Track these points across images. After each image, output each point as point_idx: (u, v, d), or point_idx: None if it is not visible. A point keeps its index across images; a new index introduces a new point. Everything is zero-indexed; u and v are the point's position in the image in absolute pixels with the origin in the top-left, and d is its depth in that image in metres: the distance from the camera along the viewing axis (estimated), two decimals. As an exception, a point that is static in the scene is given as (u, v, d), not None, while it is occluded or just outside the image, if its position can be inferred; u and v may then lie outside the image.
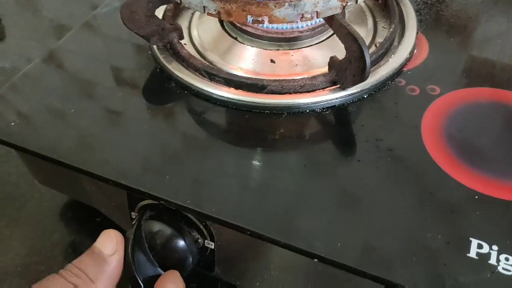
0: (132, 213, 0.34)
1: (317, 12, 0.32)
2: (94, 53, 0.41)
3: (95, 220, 0.42)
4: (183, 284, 0.29)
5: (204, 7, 0.33)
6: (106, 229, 0.41)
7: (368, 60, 0.31)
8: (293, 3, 0.31)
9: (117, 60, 0.40)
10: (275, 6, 0.31)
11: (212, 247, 0.32)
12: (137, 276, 0.28)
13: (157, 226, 0.30)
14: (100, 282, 0.26)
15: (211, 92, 0.35)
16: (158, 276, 0.29)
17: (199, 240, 0.32)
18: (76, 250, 0.40)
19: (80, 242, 0.41)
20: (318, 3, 0.32)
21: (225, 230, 0.29)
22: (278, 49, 0.38)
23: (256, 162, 0.31)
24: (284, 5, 0.31)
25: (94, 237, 0.41)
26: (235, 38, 0.40)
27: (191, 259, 0.32)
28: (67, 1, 0.69)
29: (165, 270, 0.30)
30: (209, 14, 0.33)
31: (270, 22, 0.32)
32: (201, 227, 0.31)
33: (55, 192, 0.44)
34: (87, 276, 0.26)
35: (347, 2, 0.32)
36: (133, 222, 0.30)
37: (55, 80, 0.39)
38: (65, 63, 0.40)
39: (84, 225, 0.42)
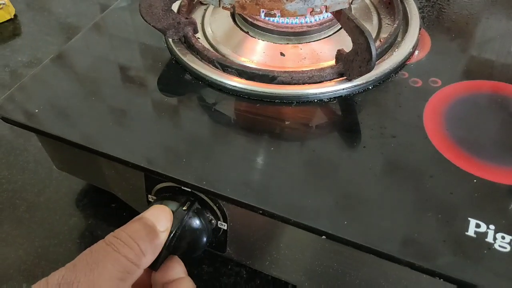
0: (149, 195, 0.36)
1: (326, 6, 0.34)
2: (109, 49, 0.43)
3: (110, 205, 0.44)
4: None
5: (219, 1, 0.35)
6: (121, 214, 0.43)
7: (374, 51, 0.33)
8: (303, -3, 0.33)
9: (133, 55, 0.42)
10: (286, 0, 0.33)
11: (225, 227, 0.34)
12: (159, 258, 0.29)
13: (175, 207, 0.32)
14: (149, 256, 0.26)
15: (224, 83, 0.37)
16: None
17: (213, 221, 0.34)
18: (93, 233, 0.42)
19: (96, 226, 0.43)
20: (327, -2, 0.34)
21: (237, 210, 0.31)
22: (287, 43, 0.40)
23: (267, 147, 0.33)
24: None
25: (110, 221, 0.43)
26: (247, 32, 0.42)
27: (205, 239, 0.33)
28: (78, 1, 0.72)
29: (178, 251, 0.31)
30: (224, 7, 0.35)
31: (281, 15, 0.34)
32: (215, 208, 0.33)
33: (71, 179, 0.46)
34: (140, 247, 0.26)
35: (354, -3, 0.34)
36: (184, 208, 0.31)
37: (76, 71, 0.41)
38: (83, 57, 0.42)
39: (100, 210, 0.44)
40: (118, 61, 0.42)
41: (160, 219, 0.28)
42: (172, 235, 0.29)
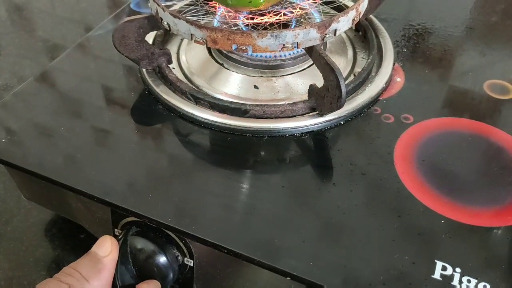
0: (116, 229, 0.35)
1: (297, 43, 0.34)
2: (85, 74, 0.43)
3: (79, 236, 0.43)
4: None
5: (191, 34, 0.34)
6: (89, 245, 0.42)
7: (343, 90, 0.33)
8: (275, 34, 0.33)
9: (107, 82, 0.42)
10: (258, 36, 0.33)
11: (192, 264, 0.33)
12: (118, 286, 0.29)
13: (141, 242, 0.31)
14: (93, 281, 0.27)
15: (196, 115, 0.37)
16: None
17: (179, 258, 0.33)
18: (60, 265, 0.41)
19: (63, 258, 0.42)
20: (298, 34, 0.34)
21: (204, 248, 0.30)
22: (261, 76, 0.40)
23: (236, 183, 0.33)
24: (266, 36, 0.33)
25: (77, 252, 0.42)
26: (221, 64, 0.42)
27: (171, 275, 0.33)
28: (62, 23, 0.71)
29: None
30: (196, 41, 0.35)
31: (253, 51, 0.34)
32: (181, 244, 0.33)
33: (40, 208, 0.45)
34: (81, 274, 0.27)
35: (326, 34, 0.34)
36: (119, 237, 0.31)
37: (47, 99, 0.40)
38: (57, 83, 0.42)
39: (68, 241, 0.43)
40: (92, 90, 0.41)
41: (101, 246, 0.29)
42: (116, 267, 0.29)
